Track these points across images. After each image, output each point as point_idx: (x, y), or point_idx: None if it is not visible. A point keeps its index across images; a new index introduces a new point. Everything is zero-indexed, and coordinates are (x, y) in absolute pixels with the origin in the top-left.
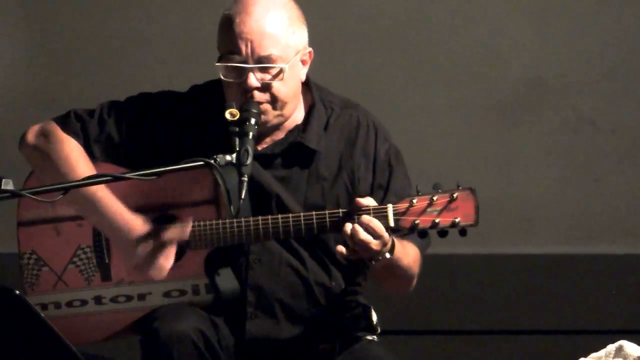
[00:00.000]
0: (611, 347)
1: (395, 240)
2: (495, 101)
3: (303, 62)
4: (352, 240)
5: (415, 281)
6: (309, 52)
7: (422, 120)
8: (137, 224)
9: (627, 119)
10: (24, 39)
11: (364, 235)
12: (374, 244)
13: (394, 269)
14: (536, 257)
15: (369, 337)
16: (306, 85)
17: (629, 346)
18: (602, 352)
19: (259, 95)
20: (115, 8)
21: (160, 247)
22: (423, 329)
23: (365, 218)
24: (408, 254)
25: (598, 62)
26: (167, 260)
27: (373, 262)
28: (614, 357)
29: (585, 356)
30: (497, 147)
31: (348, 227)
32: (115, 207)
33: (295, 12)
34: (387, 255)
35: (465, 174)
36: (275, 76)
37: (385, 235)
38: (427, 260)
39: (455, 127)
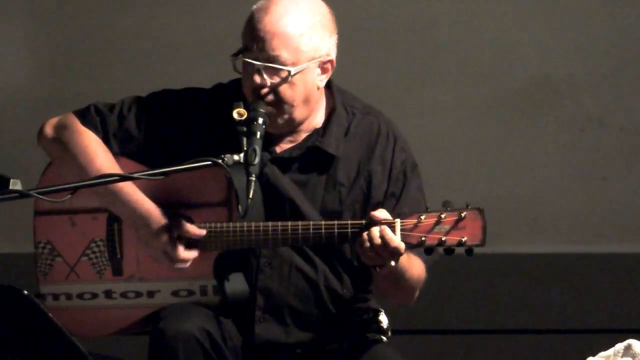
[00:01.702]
0: (620, 346)
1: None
2: (502, 100)
3: (323, 69)
4: (371, 245)
5: (417, 293)
6: (330, 61)
7: (429, 118)
8: (158, 213)
9: (634, 117)
10: (33, 40)
11: (379, 241)
12: (387, 255)
13: (398, 278)
14: (543, 256)
15: (378, 338)
16: (328, 90)
17: (637, 345)
18: (610, 351)
19: (265, 95)
20: (124, 7)
21: (180, 237)
22: (430, 329)
23: (387, 231)
24: (413, 265)
25: (606, 61)
26: (186, 249)
27: (377, 269)
28: (622, 356)
29: (594, 355)
30: (505, 146)
31: (375, 230)
32: (136, 197)
33: (320, 19)
34: (392, 263)
35: (472, 172)
36: (282, 78)
37: (402, 246)
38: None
39: (462, 125)
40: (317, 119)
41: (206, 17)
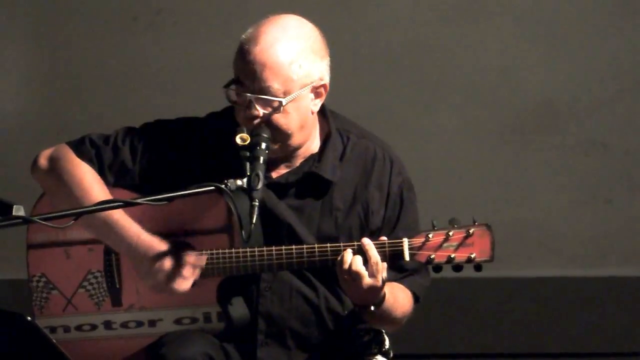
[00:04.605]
0: None
1: (387, 292)
2: (507, 124)
3: (317, 94)
4: (348, 269)
5: (404, 322)
6: (323, 85)
7: (434, 143)
8: (155, 244)
9: (638, 140)
10: (36, 66)
11: (358, 266)
12: (366, 280)
13: (381, 318)
14: (548, 279)
15: None
16: (322, 114)
17: None
18: None
19: (259, 125)
20: (127, 35)
21: (179, 266)
22: (436, 353)
23: (371, 251)
24: (397, 306)
25: (609, 85)
26: (186, 277)
27: (356, 309)
28: None
29: None
30: (509, 170)
31: (348, 255)
32: (132, 229)
33: (310, 43)
34: (372, 307)
35: (476, 196)
36: (274, 109)
37: (380, 276)
38: (440, 283)
39: (467, 150)
40: (314, 144)
41: (215, 43)
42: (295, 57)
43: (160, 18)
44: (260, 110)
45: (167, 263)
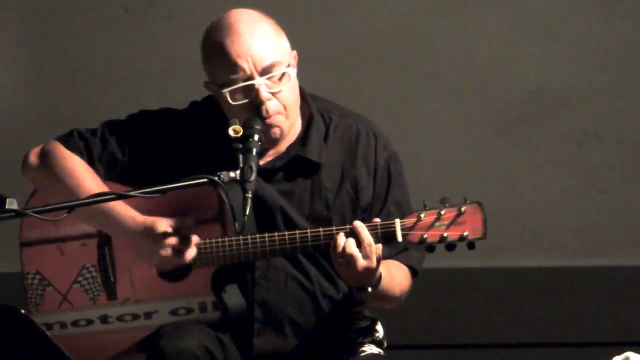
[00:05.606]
0: (618, 359)
1: (383, 272)
2: (498, 114)
3: (294, 64)
4: (342, 252)
5: (403, 299)
6: (294, 55)
7: (425, 133)
8: (152, 222)
9: (631, 130)
10: (27, 61)
11: (352, 249)
12: (360, 262)
13: (378, 298)
14: (541, 269)
15: (375, 351)
16: (302, 98)
17: (635, 358)
18: None
19: (273, 107)
20: (118, 27)
21: (181, 237)
22: (429, 343)
23: (363, 234)
24: (394, 285)
25: (601, 74)
26: (191, 245)
27: (354, 291)
28: None
29: None
30: (501, 160)
31: (341, 238)
32: (129, 213)
33: (272, 21)
34: (369, 289)
35: (468, 186)
36: (285, 82)
37: (374, 257)
38: (433, 273)
39: (458, 140)
40: (296, 127)
41: (200, 37)
42: (274, 31)
43: (152, 10)
44: (272, 91)
45: (170, 238)
